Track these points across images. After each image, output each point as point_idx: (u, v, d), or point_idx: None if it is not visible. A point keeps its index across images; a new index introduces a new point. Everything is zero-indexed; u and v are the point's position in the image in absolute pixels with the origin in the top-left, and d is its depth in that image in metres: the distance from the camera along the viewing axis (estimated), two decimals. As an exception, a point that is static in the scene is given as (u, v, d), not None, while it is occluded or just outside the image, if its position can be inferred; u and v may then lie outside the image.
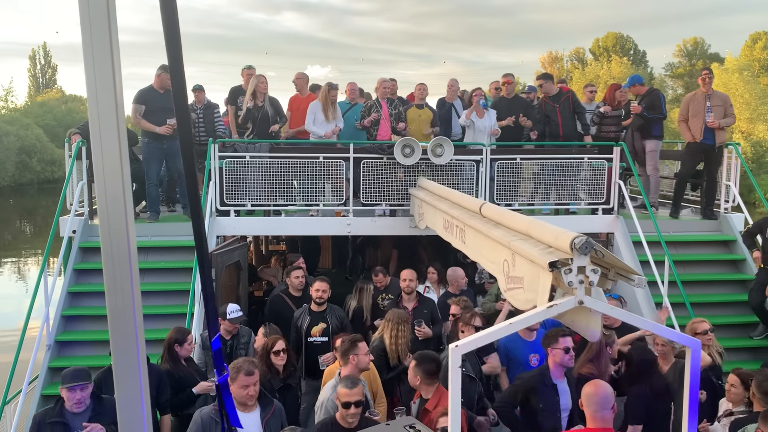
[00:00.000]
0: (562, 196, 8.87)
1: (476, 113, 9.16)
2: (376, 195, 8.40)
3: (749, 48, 60.58)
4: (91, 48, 1.24)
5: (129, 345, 1.30)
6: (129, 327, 1.29)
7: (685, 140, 9.30)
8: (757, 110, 39.06)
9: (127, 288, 1.28)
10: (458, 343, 3.05)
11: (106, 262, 1.30)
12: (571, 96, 9.62)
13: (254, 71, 9.23)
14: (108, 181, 1.26)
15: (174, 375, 5.36)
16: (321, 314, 6.53)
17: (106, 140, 1.27)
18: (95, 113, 1.26)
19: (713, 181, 9.21)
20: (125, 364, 1.32)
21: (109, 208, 1.30)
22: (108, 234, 1.29)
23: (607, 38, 71.20)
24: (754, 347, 7.92)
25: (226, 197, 8.20)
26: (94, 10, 1.24)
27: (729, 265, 8.79)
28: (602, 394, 3.79)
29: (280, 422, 4.61)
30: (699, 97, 9.06)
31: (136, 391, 1.32)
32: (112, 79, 1.28)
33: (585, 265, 3.08)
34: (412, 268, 7.25)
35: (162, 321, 7.28)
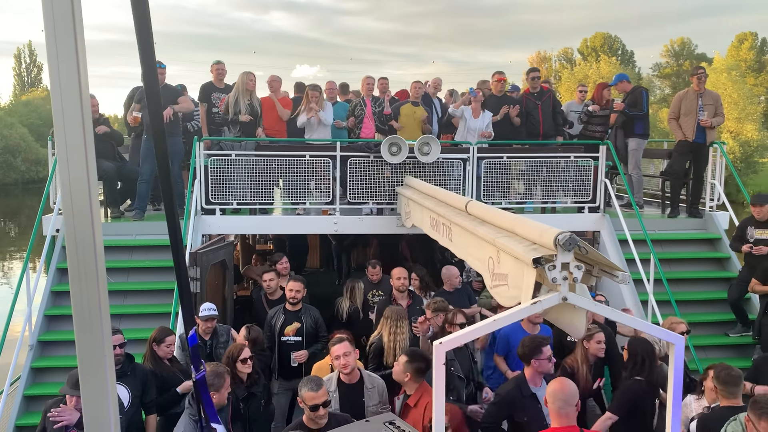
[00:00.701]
0: (548, 195, 8.90)
1: (472, 112, 9.17)
2: (363, 193, 8.38)
3: (735, 48, 61.16)
4: (55, 47, 1.21)
5: (95, 343, 1.26)
6: (95, 327, 1.25)
7: (676, 138, 9.30)
8: (745, 110, 39.35)
9: (92, 288, 1.24)
10: (442, 340, 3.04)
11: (71, 260, 1.27)
12: (552, 95, 9.69)
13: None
14: (73, 181, 1.24)
15: (157, 374, 5.31)
16: (296, 314, 6.49)
17: (70, 138, 1.25)
18: (59, 111, 1.24)
19: (700, 179, 9.27)
20: (91, 365, 1.28)
21: (74, 207, 1.27)
22: (73, 233, 1.27)
23: (595, 38, 71.61)
24: (735, 344, 7.98)
25: (211, 195, 8.15)
26: (58, 8, 1.22)
27: (714, 263, 8.85)
28: (567, 392, 3.79)
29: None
30: (691, 95, 9.10)
31: (102, 391, 1.28)
32: (77, 77, 1.26)
33: (569, 262, 3.09)
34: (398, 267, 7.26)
35: (147, 321, 7.24)
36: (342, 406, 4.79)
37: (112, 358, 1.33)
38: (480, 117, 9.16)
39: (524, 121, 9.47)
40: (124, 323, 7.27)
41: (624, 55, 68.62)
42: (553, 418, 3.81)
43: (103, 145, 8.56)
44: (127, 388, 4.96)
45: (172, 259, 1.63)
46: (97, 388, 1.32)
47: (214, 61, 9.19)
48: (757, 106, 40.53)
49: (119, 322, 7.17)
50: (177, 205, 1.32)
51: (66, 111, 1.26)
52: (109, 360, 1.32)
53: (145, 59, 1.40)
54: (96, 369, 1.33)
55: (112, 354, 1.33)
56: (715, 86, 39.15)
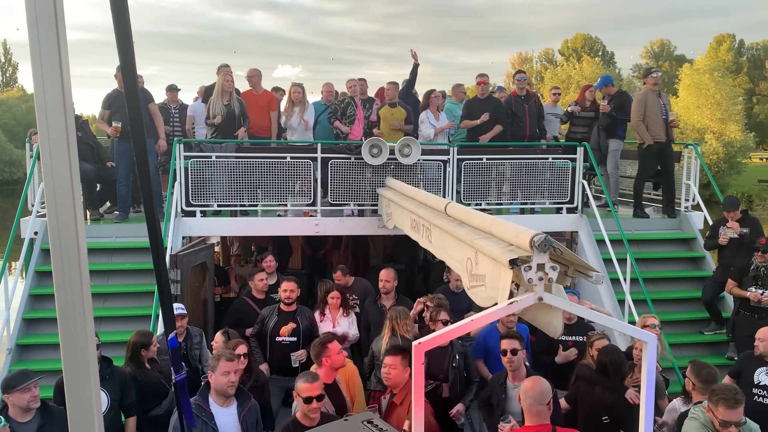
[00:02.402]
0: (527, 196, 9.00)
1: (433, 116, 9.32)
2: (344, 195, 8.41)
3: (714, 50, 62.09)
4: (39, 47, 1.23)
5: (80, 347, 1.29)
6: (79, 331, 1.28)
7: (644, 142, 9.18)
8: (728, 111, 39.78)
9: (77, 290, 1.26)
10: (421, 340, 3.09)
11: (55, 262, 1.29)
12: (537, 100, 9.85)
13: (229, 69, 9.15)
14: (57, 181, 1.25)
15: (137, 378, 5.29)
16: (291, 314, 6.51)
17: (54, 140, 1.26)
18: (43, 112, 1.25)
19: (671, 178, 9.43)
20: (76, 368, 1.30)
21: (58, 209, 1.29)
22: (57, 234, 1.29)
23: (576, 39, 72.35)
24: (709, 342, 8.13)
25: (192, 197, 8.13)
26: (41, 8, 1.24)
27: (689, 262, 9.01)
28: (538, 390, 3.86)
29: (256, 419, 4.57)
30: (653, 97, 9.22)
31: (87, 397, 1.30)
32: (59, 78, 1.28)
33: (544, 263, 3.15)
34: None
35: (127, 323, 7.20)
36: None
37: (95, 361, 1.36)
38: (440, 120, 9.33)
39: (510, 122, 9.60)
40: (103, 326, 7.24)
41: (604, 56, 69.45)
42: (526, 416, 3.88)
43: (82, 146, 8.50)
44: (105, 391, 4.94)
45: (152, 260, 1.66)
46: (81, 390, 1.35)
47: (222, 64, 9.10)
48: (738, 106, 40.99)
49: (99, 325, 7.13)
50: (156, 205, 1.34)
51: (49, 114, 1.28)
52: (93, 364, 1.34)
53: (125, 61, 1.42)
54: (80, 373, 1.35)
55: (95, 357, 1.36)
56: (698, 87, 39.70)
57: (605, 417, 4.89)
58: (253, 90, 9.24)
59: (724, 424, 4.02)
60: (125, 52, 1.45)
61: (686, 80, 41.52)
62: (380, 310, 6.89)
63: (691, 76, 40.91)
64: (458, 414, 5.46)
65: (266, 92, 9.39)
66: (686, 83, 41.39)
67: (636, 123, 9.20)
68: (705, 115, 39.56)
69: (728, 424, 4.01)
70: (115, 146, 8.51)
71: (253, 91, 9.23)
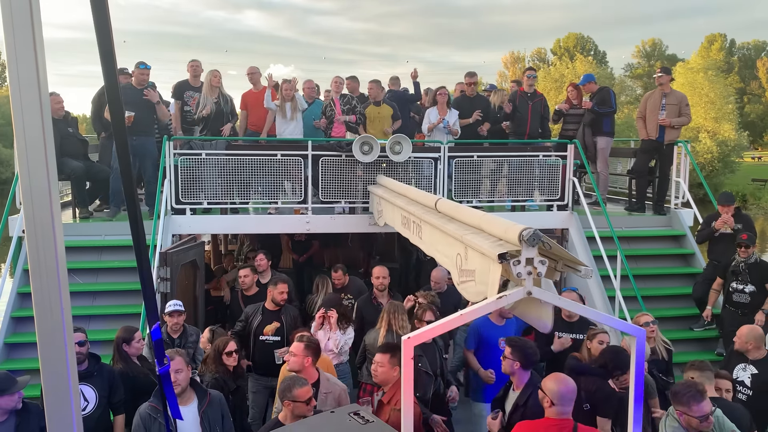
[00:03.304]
0: (518, 193, 9.01)
1: (439, 112, 9.28)
2: (335, 193, 8.40)
3: (706, 49, 62.45)
4: (14, 44, 1.22)
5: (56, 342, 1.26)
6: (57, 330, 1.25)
7: (640, 137, 9.52)
8: (722, 109, 39.92)
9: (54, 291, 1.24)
10: (410, 335, 3.08)
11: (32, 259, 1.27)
12: (544, 100, 9.86)
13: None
14: (33, 178, 1.23)
15: (128, 374, 5.26)
16: (275, 313, 6.48)
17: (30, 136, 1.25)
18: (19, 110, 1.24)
19: (664, 177, 9.48)
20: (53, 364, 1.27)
21: (34, 207, 1.27)
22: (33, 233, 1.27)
23: (568, 39, 72.65)
24: (698, 338, 8.17)
25: (181, 195, 8.09)
26: (16, 9, 1.22)
27: (679, 259, 9.05)
28: (571, 388, 3.87)
29: (221, 412, 4.52)
30: (656, 95, 9.30)
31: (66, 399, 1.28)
32: (35, 74, 1.26)
33: (533, 257, 3.15)
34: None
35: (116, 321, 7.14)
36: None
37: (74, 356, 1.33)
38: (447, 116, 9.26)
39: (512, 116, 9.65)
40: (93, 324, 7.19)
41: (596, 55, 69.77)
42: (551, 410, 3.88)
43: (71, 144, 8.45)
44: (93, 388, 4.91)
45: (134, 251, 1.64)
46: (59, 387, 1.32)
47: (191, 59, 9.12)
48: (731, 105, 41.16)
49: (88, 323, 7.09)
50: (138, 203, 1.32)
51: (25, 111, 1.26)
52: (71, 359, 1.32)
53: (106, 59, 1.41)
54: (57, 369, 1.33)
55: (74, 353, 1.33)
56: (692, 86, 39.80)
57: (586, 404, 4.90)
58: (254, 87, 9.28)
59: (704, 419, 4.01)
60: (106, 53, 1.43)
61: (680, 79, 41.67)
62: (376, 307, 6.87)
63: (685, 75, 41.06)
64: (454, 396, 5.57)
65: (265, 88, 9.42)
66: (680, 82, 41.55)
67: (636, 119, 9.53)
68: (699, 114, 39.71)
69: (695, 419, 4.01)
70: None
71: (254, 89, 9.27)
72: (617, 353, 5.15)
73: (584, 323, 6.27)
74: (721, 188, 31.42)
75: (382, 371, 4.79)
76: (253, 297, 7.22)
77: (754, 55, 75.05)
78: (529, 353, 4.79)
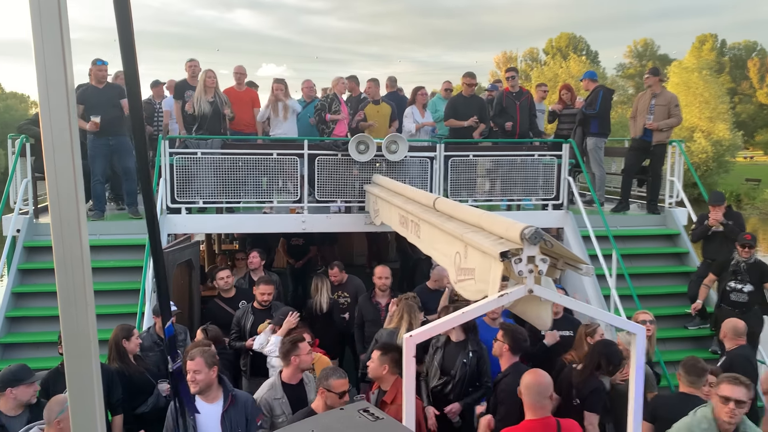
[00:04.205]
0: (513, 192, 9.03)
1: (418, 112, 9.34)
2: (331, 192, 8.39)
3: (697, 49, 62.71)
4: (42, 45, 1.22)
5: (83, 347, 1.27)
6: (83, 331, 1.26)
7: (631, 136, 9.62)
8: (716, 109, 40.03)
9: (80, 288, 1.25)
10: (412, 333, 3.09)
11: (58, 263, 1.28)
12: (530, 98, 9.87)
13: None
14: (60, 180, 1.24)
15: (125, 373, 5.24)
16: (266, 312, 6.47)
17: (57, 138, 1.25)
18: (47, 111, 1.24)
19: (656, 177, 9.52)
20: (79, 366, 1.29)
21: (61, 208, 1.27)
22: (60, 236, 1.27)
23: (560, 39, 72.81)
24: (692, 337, 8.22)
25: (177, 194, 8.06)
26: (45, 8, 1.22)
27: (673, 258, 9.10)
28: (543, 383, 3.87)
29: (245, 415, 4.46)
30: (646, 96, 9.36)
31: (90, 394, 1.29)
32: (63, 76, 1.26)
33: (534, 255, 3.16)
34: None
35: (110, 321, 7.07)
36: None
37: (99, 372, 1.35)
38: (425, 116, 9.34)
39: (501, 117, 9.68)
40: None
41: (588, 55, 70.00)
42: (528, 410, 3.87)
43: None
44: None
45: (146, 257, 1.64)
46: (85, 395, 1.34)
47: (188, 58, 9.08)
48: (725, 105, 41.29)
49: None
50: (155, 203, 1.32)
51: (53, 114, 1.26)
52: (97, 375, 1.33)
53: (127, 59, 1.41)
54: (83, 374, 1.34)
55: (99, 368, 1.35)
56: (686, 85, 39.93)
57: (576, 399, 4.94)
58: (237, 87, 9.21)
59: (725, 400, 4.02)
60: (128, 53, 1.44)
61: (674, 78, 41.82)
62: (376, 307, 6.87)
63: (680, 74, 41.18)
64: (452, 412, 5.37)
65: (249, 89, 9.41)
66: (674, 81, 41.69)
67: (629, 119, 9.60)
68: (693, 113, 39.85)
69: (728, 400, 4.01)
70: (90, 143, 8.34)
71: (236, 88, 9.21)
72: (608, 346, 5.18)
73: (569, 321, 6.31)
74: (715, 188, 31.61)
75: (372, 367, 4.89)
76: (232, 299, 7.20)
77: (745, 55, 75.48)
78: (518, 338, 4.95)
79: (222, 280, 7.28)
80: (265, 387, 4.97)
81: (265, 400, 4.77)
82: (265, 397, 4.80)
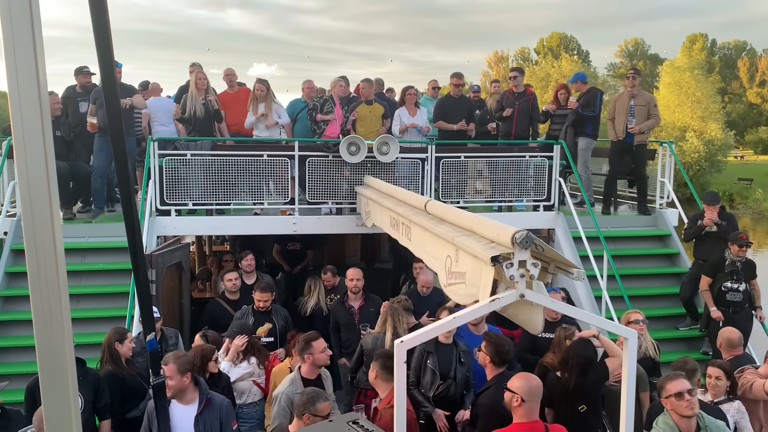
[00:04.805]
0: (505, 194, 9.02)
1: (408, 111, 9.26)
2: (322, 193, 8.34)
3: (687, 49, 63.00)
4: (13, 44, 1.18)
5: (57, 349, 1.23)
6: (57, 334, 1.22)
7: (609, 138, 9.51)
8: (708, 108, 40.09)
9: (54, 292, 1.21)
10: (403, 338, 3.06)
11: (30, 265, 1.24)
12: (533, 99, 9.83)
13: (199, 67, 9.03)
14: (32, 181, 1.20)
15: (118, 376, 5.20)
16: (266, 314, 6.44)
17: (29, 139, 1.21)
18: (18, 111, 1.20)
19: (642, 178, 9.55)
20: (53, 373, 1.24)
21: (33, 209, 1.24)
22: (33, 239, 1.24)
23: (552, 38, 73.04)
24: (683, 338, 8.24)
25: (166, 196, 8.00)
26: (15, 7, 1.18)
27: (664, 258, 9.12)
28: (535, 386, 3.85)
29: (219, 419, 4.46)
30: (624, 96, 9.35)
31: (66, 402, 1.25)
32: (35, 75, 1.22)
33: (526, 259, 3.14)
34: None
35: (100, 324, 7.04)
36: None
37: (73, 365, 1.31)
38: (417, 115, 9.25)
39: (501, 117, 9.70)
40: (77, 328, 7.08)
41: (579, 54, 70.26)
42: (517, 414, 3.84)
43: (57, 145, 8.33)
44: (79, 394, 4.83)
45: (130, 261, 1.60)
46: (59, 399, 1.30)
47: (192, 62, 9.00)
48: (717, 104, 41.38)
49: (72, 326, 6.96)
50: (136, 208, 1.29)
51: (24, 112, 1.22)
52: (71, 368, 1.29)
53: (103, 58, 1.37)
54: (57, 378, 1.30)
55: (73, 361, 1.31)
56: (678, 85, 40.00)
57: (582, 406, 4.91)
58: (229, 89, 9.16)
59: (678, 396, 4.11)
60: (104, 52, 1.40)
61: (667, 78, 41.86)
62: (349, 310, 6.82)
63: (672, 74, 41.23)
64: (461, 421, 5.38)
65: (241, 89, 9.36)
66: (666, 81, 41.72)
67: (606, 120, 9.47)
68: (686, 113, 39.93)
69: (681, 394, 4.11)
70: (96, 140, 8.36)
71: (229, 90, 9.16)
72: (583, 346, 5.16)
73: (567, 323, 6.28)
74: (707, 187, 31.79)
75: (369, 376, 4.84)
76: (237, 302, 7.14)
77: (735, 55, 76.01)
78: (501, 350, 4.77)
79: (230, 282, 7.22)
80: (285, 382, 4.99)
81: (286, 395, 4.80)
82: (286, 392, 4.82)
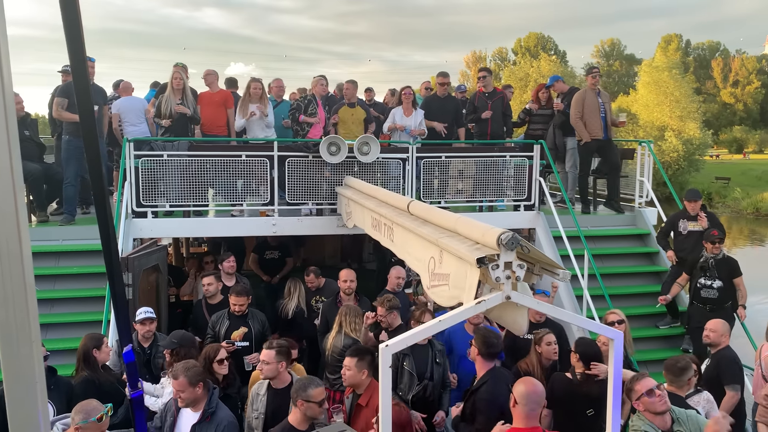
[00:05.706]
0: (486, 194, 9.01)
1: (403, 112, 9.18)
2: (302, 194, 8.25)
3: (663, 49, 63.85)
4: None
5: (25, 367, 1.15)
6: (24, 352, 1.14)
7: (582, 139, 9.40)
8: (687, 108, 40.55)
9: (21, 300, 1.13)
10: (388, 342, 3.01)
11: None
12: (504, 98, 9.82)
13: (179, 68, 8.87)
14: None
15: (94, 383, 5.06)
16: (241, 318, 6.34)
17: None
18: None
19: (617, 168, 9.61)
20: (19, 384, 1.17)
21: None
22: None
23: (529, 38, 73.58)
24: (663, 336, 8.30)
25: (142, 198, 7.84)
26: None
27: (643, 257, 9.18)
28: (540, 392, 3.83)
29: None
30: (591, 95, 9.37)
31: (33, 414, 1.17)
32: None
33: (511, 261, 3.10)
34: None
35: (75, 330, 6.89)
36: (267, 410, 4.82)
37: (42, 374, 1.23)
38: (412, 116, 9.19)
39: (473, 119, 9.66)
40: (51, 333, 6.92)
41: (557, 54, 70.89)
42: (519, 418, 3.80)
43: (28, 146, 8.17)
44: (51, 403, 4.70)
45: (105, 266, 1.52)
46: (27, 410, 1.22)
47: (177, 63, 8.83)
48: (695, 104, 41.86)
49: (46, 332, 6.81)
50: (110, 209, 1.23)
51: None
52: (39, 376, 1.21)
53: (75, 54, 1.29)
54: (25, 389, 1.22)
55: (42, 370, 1.23)
56: (657, 84, 40.45)
57: (590, 410, 4.91)
58: (210, 89, 9.05)
59: (650, 393, 4.16)
60: (75, 48, 1.32)
61: (645, 78, 42.26)
62: None
63: (651, 73, 41.65)
64: (442, 421, 5.35)
65: (222, 90, 9.22)
66: (645, 81, 42.12)
67: (574, 120, 9.38)
68: (664, 112, 40.37)
69: (651, 392, 4.16)
70: (65, 145, 8.16)
71: (210, 90, 9.04)
72: (588, 346, 5.20)
73: (551, 324, 6.29)
74: (686, 186, 32.17)
75: (350, 374, 4.83)
76: (217, 305, 7.02)
77: (709, 55, 77.26)
78: (489, 343, 4.79)
79: (205, 287, 7.11)
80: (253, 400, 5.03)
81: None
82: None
